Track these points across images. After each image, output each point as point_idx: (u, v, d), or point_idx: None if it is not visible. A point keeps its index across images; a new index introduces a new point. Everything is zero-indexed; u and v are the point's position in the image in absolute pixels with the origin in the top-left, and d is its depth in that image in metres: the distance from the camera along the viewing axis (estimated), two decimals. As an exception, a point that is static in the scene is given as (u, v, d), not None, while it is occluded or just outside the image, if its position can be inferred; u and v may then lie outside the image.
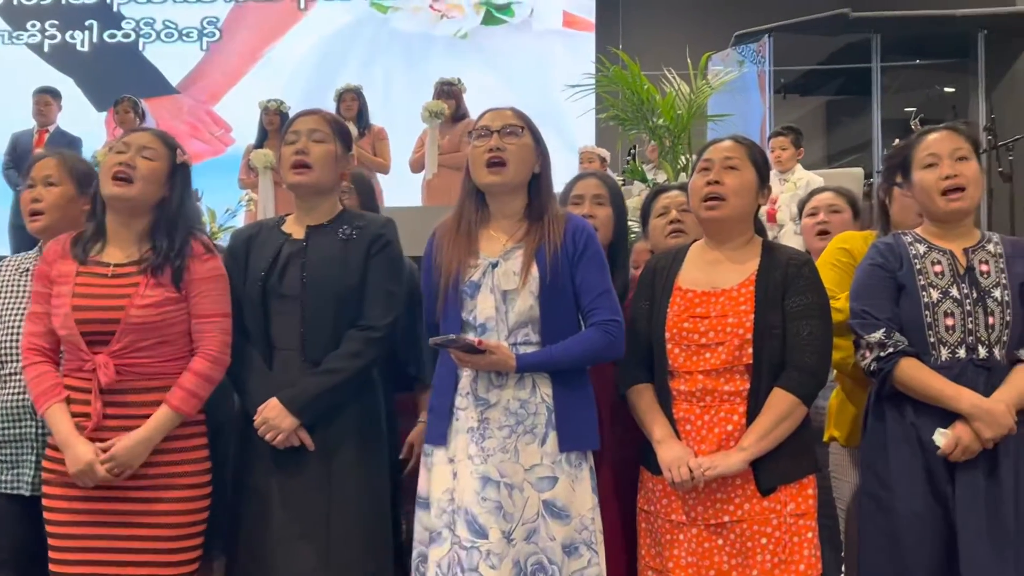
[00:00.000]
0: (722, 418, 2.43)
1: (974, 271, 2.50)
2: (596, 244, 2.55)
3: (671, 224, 3.03)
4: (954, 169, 2.52)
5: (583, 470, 2.47)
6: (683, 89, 5.39)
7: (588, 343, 2.47)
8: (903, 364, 2.44)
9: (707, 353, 2.46)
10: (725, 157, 2.57)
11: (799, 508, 2.41)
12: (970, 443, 2.35)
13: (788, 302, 2.46)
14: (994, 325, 2.44)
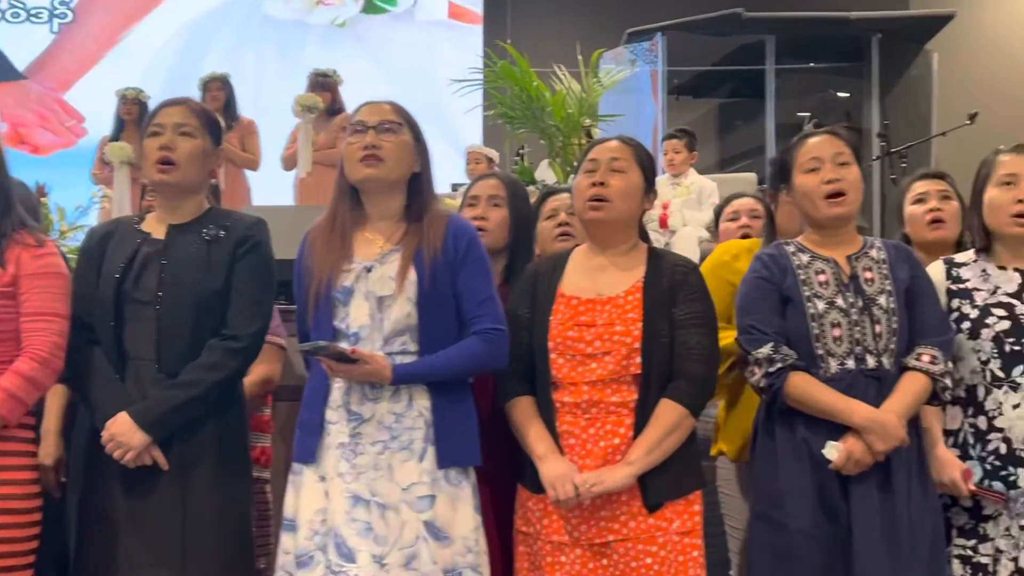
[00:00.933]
0: (608, 431, 2.45)
1: (858, 279, 2.58)
2: (479, 248, 2.55)
3: (559, 227, 3.06)
4: (836, 173, 2.59)
5: (464, 488, 2.46)
6: (574, 87, 5.45)
7: (470, 353, 2.47)
8: (793, 379, 2.49)
9: (593, 363, 2.48)
10: (611, 158, 2.60)
11: (685, 526, 2.45)
12: (862, 456, 2.43)
13: (676, 311, 2.50)
14: (881, 333, 2.52)
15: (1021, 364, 2.59)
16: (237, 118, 6.86)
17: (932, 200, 3.15)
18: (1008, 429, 2.58)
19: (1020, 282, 2.67)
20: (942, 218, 3.12)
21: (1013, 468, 2.56)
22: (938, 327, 2.58)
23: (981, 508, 2.59)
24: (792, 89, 8.51)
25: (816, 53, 8.62)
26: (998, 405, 2.60)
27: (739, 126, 9.11)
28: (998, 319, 2.63)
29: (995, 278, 2.69)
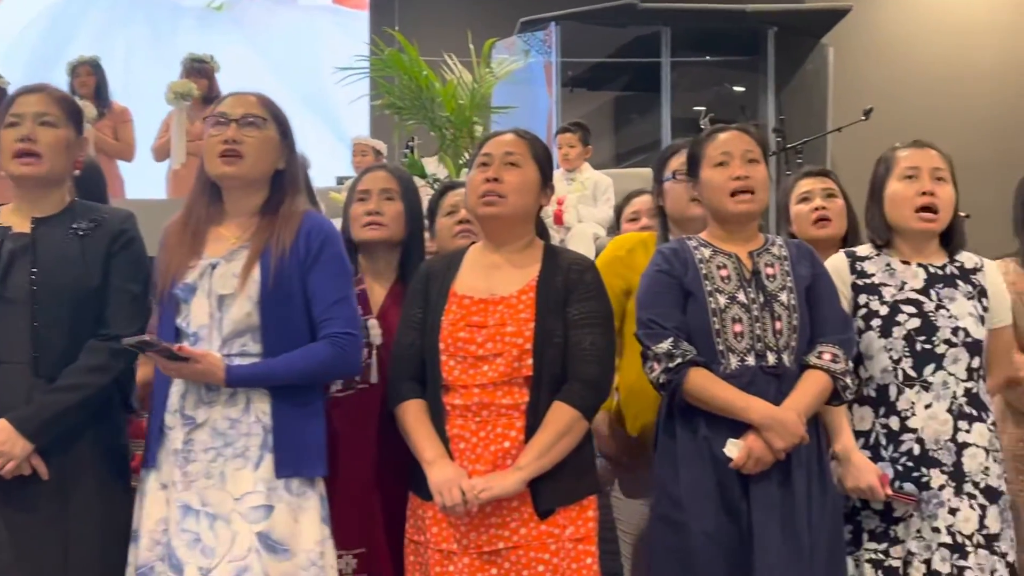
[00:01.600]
0: (499, 434, 2.46)
1: (760, 275, 2.63)
2: (335, 247, 2.53)
3: (460, 224, 3.06)
4: (744, 170, 2.65)
5: (309, 499, 2.44)
6: (465, 77, 5.44)
7: (314, 357, 2.46)
8: (692, 375, 2.52)
9: (484, 365, 2.48)
10: (505, 152, 2.61)
11: (578, 532, 2.47)
12: (762, 454, 2.47)
13: (570, 310, 2.52)
14: (782, 330, 2.57)
15: (932, 363, 2.67)
16: (109, 104, 6.69)
17: (817, 198, 3.23)
18: (921, 430, 2.65)
19: (925, 278, 2.75)
20: (827, 216, 3.21)
21: (926, 469, 2.64)
22: (839, 325, 2.63)
23: (892, 511, 2.65)
24: (688, 82, 8.64)
25: (712, 46, 8.76)
26: (911, 405, 2.67)
27: (635, 120, 9.22)
28: (908, 316, 2.71)
29: (901, 273, 2.76)
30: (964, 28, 8.34)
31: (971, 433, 2.65)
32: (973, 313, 2.71)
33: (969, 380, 2.68)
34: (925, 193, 2.72)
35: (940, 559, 2.57)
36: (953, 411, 2.66)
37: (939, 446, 2.64)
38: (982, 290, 2.75)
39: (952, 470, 2.63)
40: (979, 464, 2.64)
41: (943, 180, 2.74)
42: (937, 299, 2.71)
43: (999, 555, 2.60)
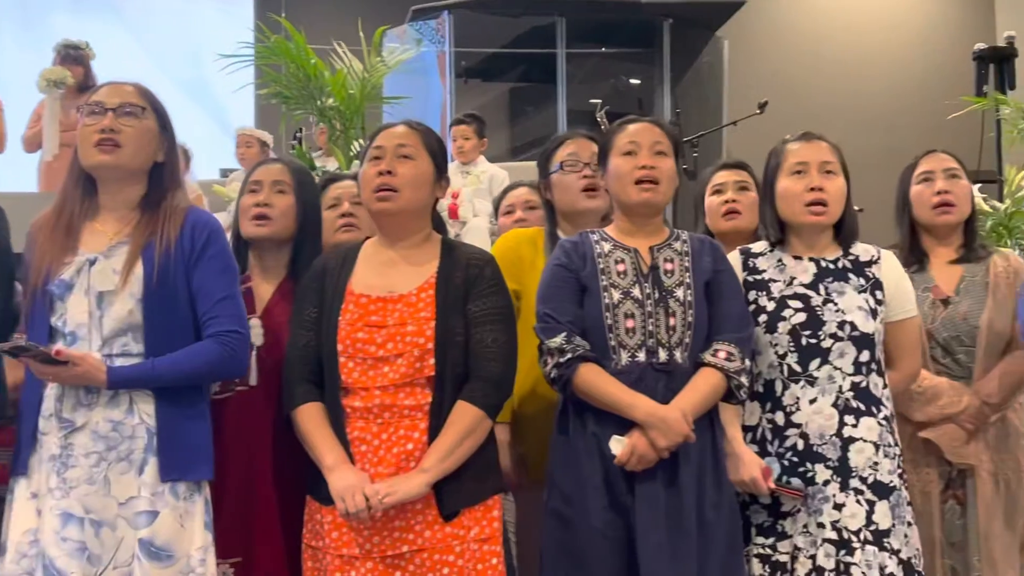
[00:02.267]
0: (402, 436, 2.45)
1: (658, 270, 2.67)
2: (220, 242, 2.51)
3: (343, 218, 3.03)
4: (651, 161, 2.68)
5: (195, 503, 2.42)
6: (355, 66, 5.39)
7: (200, 357, 2.43)
8: (581, 370, 2.55)
9: (385, 367, 2.47)
10: (398, 144, 2.60)
11: (484, 533, 2.48)
12: (645, 452, 2.50)
13: (471, 306, 2.53)
14: (675, 327, 2.61)
15: (817, 358, 2.73)
16: (-26, 92, 6.46)
17: (729, 191, 3.31)
18: (805, 424, 2.71)
19: (815, 272, 2.81)
20: (737, 209, 3.28)
21: (811, 464, 2.69)
22: (737, 323, 2.67)
23: (780, 505, 2.71)
24: (584, 74, 8.71)
25: (608, 38, 8.85)
26: (795, 400, 2.72)
27: (530, 112, 9.26)
28: (794, 311, 2.76)
29: (791, 268, 2.82)
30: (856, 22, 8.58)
31: (858, 428, 2.70)
32: (864, 307, 2.76)
33: (857, 374, 2.73)
34: (814, 188, 2.77)
35: (824, 555, 2.63)
36: (839, 406, 2.71)
37: (824, 441, 2.69)
38: (877, 283, 2.81)
39: (837, 465, 2.68)
40: (867, 459, 2.69)
41: (832, 173, 2.80)
42: (825, 293, 2.77)
43: (890, 551, 2.64)
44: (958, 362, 3.11)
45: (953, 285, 3.16)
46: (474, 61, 8.86)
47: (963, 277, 3.17)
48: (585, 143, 3.04)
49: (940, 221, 3.20)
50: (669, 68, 8.44)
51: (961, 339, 3.10)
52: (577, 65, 8.58)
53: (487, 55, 8.90)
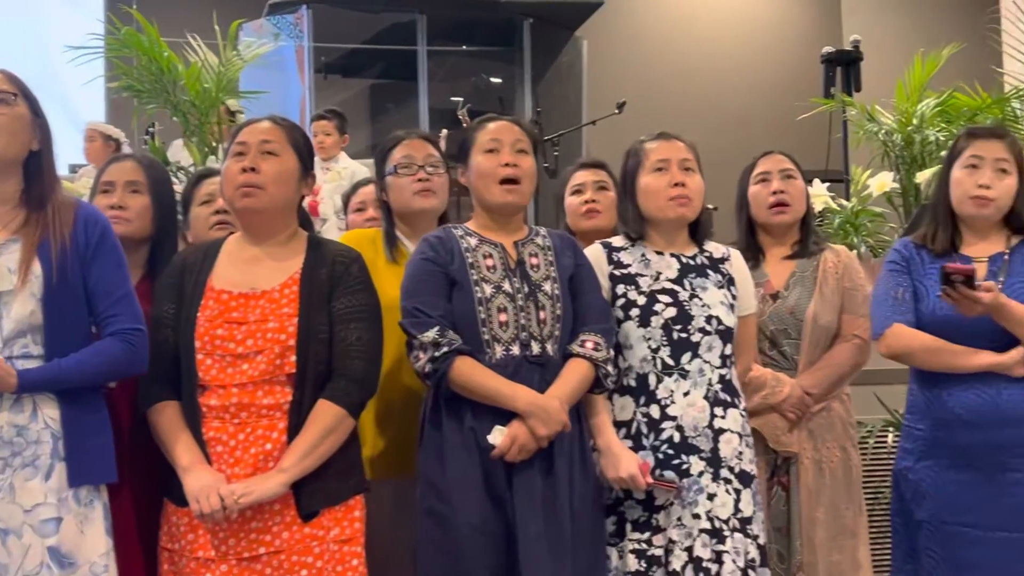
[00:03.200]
0: (260, 436, 2.43)
1: (524, 265, 2.71)
2: (112, 238, 2.44)
3: (216, 214, 3.00)
4: (515, 159, 2.72)
5: (95, 508, 2.37)
6: (210, 60, 5.31)
7: (105, 356, 2.37)
8: (457, 364, 2.57)
9: (244, 364, 2.44)
10: (262, 141, 2.57)
11: (344, 533, 2.47)
12: (526, 441, 2.54)
13: (336, 304, 2.51)
14: (546, 320, 2.66)
15: (689, 351, 2.80)
16: None
17: (588, 191, 3.38)
18: (680, 417, 2.77)
19: (679, 268, 2.88)
20: (597, 208, 3.35)
21: (686, 456, 2.75)
22: (600, 315, 2.74)
23: (653, 500, 2.76)
24: (445, 72, 8.71)
25: (469, 36, 8.87)
26: (670, 393, 2.79)
27: (391, 109, 9.21)
28: (665, 306, 2.82)
29: (655, 263, 2.88)
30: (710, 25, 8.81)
31: (726, 419, 2.80)
32: (724, 301, 2.86)
33: (723, 367, 2.83)
34: (677, 184, 2.85)
35: (701, 545, 2.70)
36: (709, 398, 2.79)
37: (697, 433, 2.77)
38: (730, 279, 2.91)
39: (710, 456, 2.76)
40: (733, 449, 2.78)
41: (692, 171, 2.88)
42: (691, 288, 2.85)
43: (751, 537, 2.75)
44: (784, 354, 3.22)
45: (784, 280, 3.27)
46: (334, 57, 8.77)
47: (793, 272, 3.28)
48: (420, 144, 3.06)
49: (776, 221, 3.31)
50: (530, 67, 8.50)
51: (787, 332, 3.21)
52: (438, 63, 8.58)
53: (347, 51, 8.82)
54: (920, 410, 2.96)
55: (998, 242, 2.99)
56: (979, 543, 2.85)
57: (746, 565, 2.71)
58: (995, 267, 2.94)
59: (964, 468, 2.88)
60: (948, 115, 5.03)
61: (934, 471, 2.92)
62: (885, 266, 3.06)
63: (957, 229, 3.01)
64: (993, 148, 2.96)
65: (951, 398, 2.88)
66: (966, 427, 2.86)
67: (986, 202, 2.93)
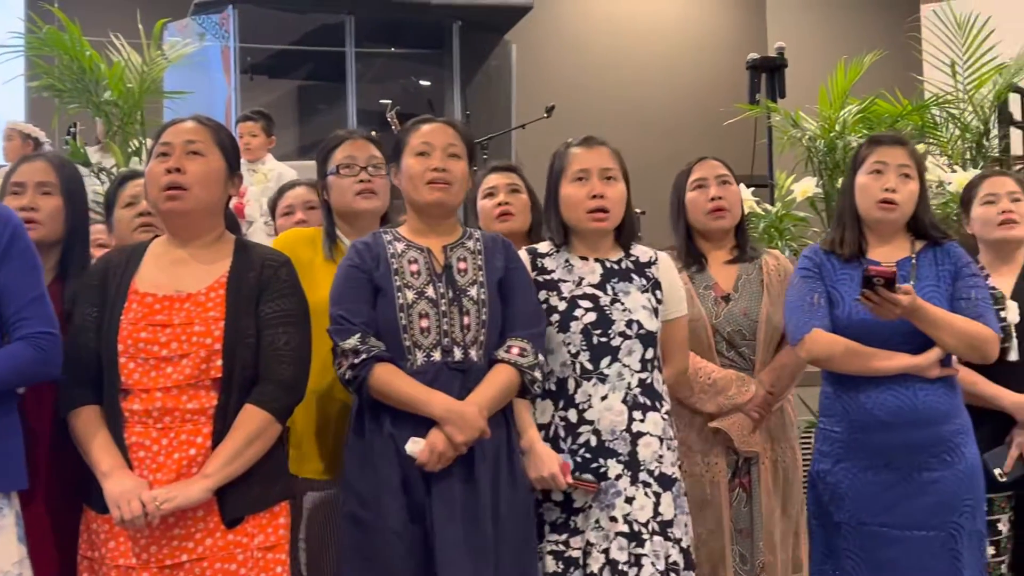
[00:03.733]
0: (184, 441, 2.40)
1: (451, 269, 2.71)
2: (24, 239, 2.40)
3: (140, 216, 2.96)
4: (444, 163, 2.73)
5: (6, 516, 2.33)
6: (134, 60, 5.25)
7: (15, 360, 2.33)
8: (377, 370, 2.57)
9: (168, 367, 2.41)
10: (187, 141, 2.55)
11: (268, 540, 2.46)
12: (444, 449, 2.54)
13: (264, 308, 2.50)
14: (469, 325, 2.66)
15: (608, 356, 2.82)
16: None
17: (501, 193, 3.40)
18: (597, 421, 2.79)
19: (602, 272, 2.91)
20: (510, 211, 3.38)
21: (603, 460, 2.77)
22: (530, 320, 2.75)
23: (572, 502, 2.78)
24: (374, 74, 8.69)
25: (398, 38, 8.86)
26: (588, 398, 2.81)
27: (320, 110, 9.17)
28: (585, 311, 2.85)
29: (578, 269, 2.91)
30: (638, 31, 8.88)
31: (645, 423, 2.82)
32: (647, 306, 2.88)
33: (643, 371, 2.85)
34: (596, 196, 2.87)
35: (618, 548, 2.72)
36: (628, 402, 2.81)
37: (615, 436, 2.79)
38: (656, 283, 2.94)
39: (628, 459, 2.78)
40: (653, 452, 2.81)
41: (613, 179, 2.90)
42: (612, 293, 2.88)
43: (673, 540, 2.77)
44: (742, 355, 3.28)
45: (731, 283, 3.33)
46: (261, 57, 8.71)
47: (739, 276, 3.34)
48: (362, 144, 3.05)
49: (715, 225, 3.36)
50: (459, 70, 8.52)
51: (743, 333, 3.27)
52: (367, 64, 8.57)
53: (274, 51, 8.76)
54: (836, 413, 3.03)
55: (903, 247, 3.09)
56: (897, 542, 2.92)
57: (667, 568, 2.73)
58: (904, 272, 3.03)
59: (882, 469, 2.95)
60: (870, 121, 5.14)
61: (852, 473, 2.99)
62: (797, 273, 3.13)
63: (863, 235, 3.09)
64: (896, 154, 3.06)
65: (868, 400, 2.95)
66: (884, 428, 2.93)
67: (892, 206, 3.02)
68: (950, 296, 3.00)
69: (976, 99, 5.04)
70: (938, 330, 2.90)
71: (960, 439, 2.96)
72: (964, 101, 5.07)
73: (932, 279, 3.02)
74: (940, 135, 5.11)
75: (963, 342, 2.93)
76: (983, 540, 3.00)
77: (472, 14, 8.48)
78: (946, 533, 2.91)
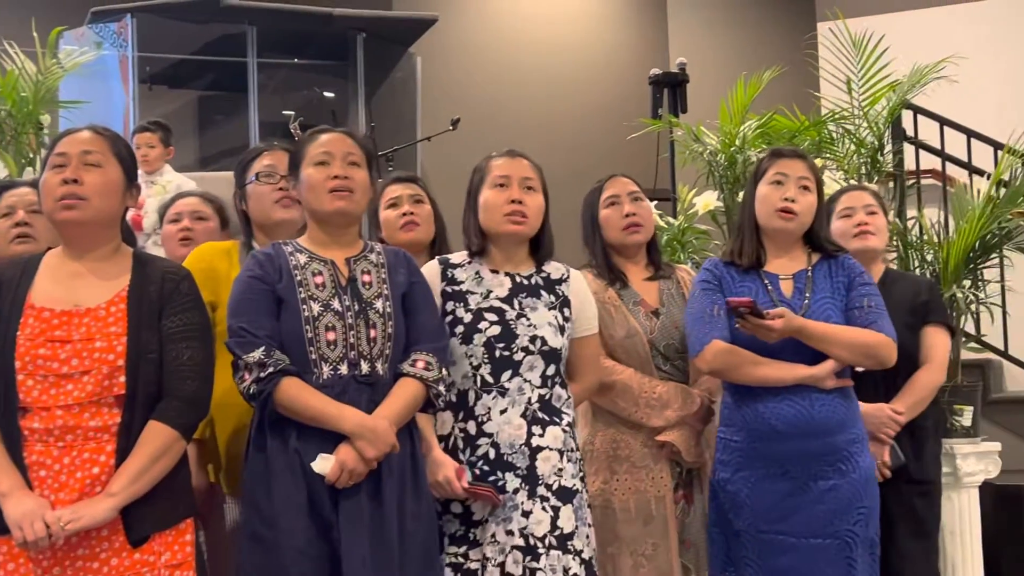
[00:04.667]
0: (86, 460, 2.37)
1: (356, 282, 2.71)
2: None
3: (17, 227, 2.92)
4: (344, 171, 2.72)
5: None
6: (28, 68, 5.15)
7: None
8: (283, 384, 2.54)
9: (69, 384, 2.38)
10: (83, 151, 2.52)
11: (176, 558, 2.44)
12: (355, 465, 2.53)
13: (166, 322, 2.48)
14: (376, 338, 2.65)
15: (510, 369, 2.85)
16: None
17: (405, 204, 3.42)
18: (496, 434, 2.82)
19: (511, 287, 2.94)
20: (415, 221, 3.39)
21: (502, 473, 2.80)
22: (434, 334, 2.75)
23: (471, 514, 2.81)
24: (276, 85, 8.61)
25: (301, 49, 8.79)
26: (487, 410, 2.83)
27: (221, 121, 9.05)
28: (490, 324, 2.87)
29: (488, 281, 2.94)
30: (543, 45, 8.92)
31: (544, 436, 2.85)
32: (553, 323, 2.92)
33: (544, 387, 2.88)
34: (514, 201, 2.91)
35: (513, 562, 2.75)
36: (527, 416, 2.84)
37: (514, 450, 2.82)
38: (565, 300, 2.98)
39: (526, 473, 2.81)
40: (552, 466, 2.83)
41: (533, 189, 2.95)
42: (519, 308, 2.91)
43: (573, 553, 2.80)
44: (677, 367, 3.34)
45: (656, 298, 3.40)
46: (160, 67, 8.56)
47: (661, 291, 3.41)
48: (283, 155, 3.05)
49: (630, 241, 3.41)
50: (363, 82, 8.47)
51: (676, 346, 3.33)
52: (269, 75, 8.48)
53: (174, 61, 8.63)
54: (736, 422, 3.11)
55: (799, 259, 3.19)
56: (793, 550, 3.01)
57: None
58: (800, 284, 3.12)
59: (779, 478, 3.03)
60: (769, 136, 5.26)
61: (751, 482, 3.06)
62: (697, 285, 3.21)
63: (762, 245, 3.18)
64: (796, 167, 3.17)
65: (767, 410, 3.03)
66: (781, 438, 3.02)
67: (792, 215, 3.12)
68: (845, 307, 3.10)
69: (871, 115, 5.18)
70: (827, 344, 3.01)
71: (855, 448, 3.05)
72: (859, 117, 5.20)
73: (827, 291, 3.11)
74: (836, 150, 5.25)
75: (856, 352, 3.03)
76: (876, 547, 3.10)
77: (376, 26, 8.45)
78: (841, 541, 3.00)
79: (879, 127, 5.14)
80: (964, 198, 4.68)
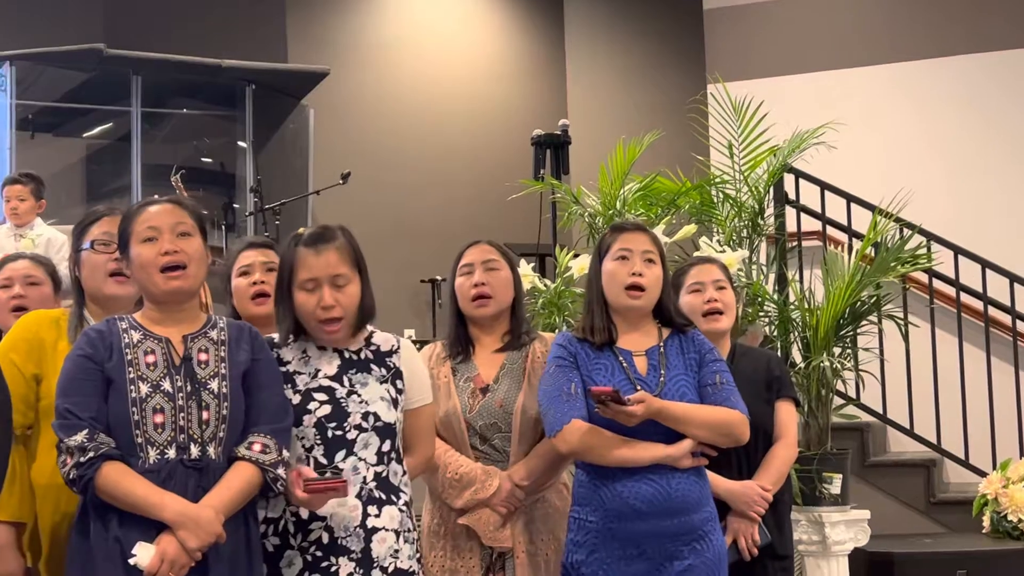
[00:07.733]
0: None
1: (191, 361, 2.58)
2: None
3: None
4: (174, 244, 2.59)
5: None
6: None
7: None
8: (105, 469, 2.42)
9: None
10: None
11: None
12: (176, 556, 2.40)
13: None
14: (209, 420, 2.53)
15: (343, 449, 2.73)
16: None
17: (257, 272, 3.25)
18: (330, 517, 2.69)
19: (340, 363, 2.82)
20: (266, 291, 3.18)
21: (335, 558, 2.67)
22: (275, 414, 2.63)
23: None
24: (163, 134, 8.46)
25: (189, 98, 8.65)
26: None
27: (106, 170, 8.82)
28: (320, 404, 2.75)
29: (315, 360, 2.81)
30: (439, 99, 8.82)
31: (380, 517, 2.73)
32: (386, 397, 2.80)
33: (379, 464, 2.76)
34: (325, 307, 2.74)
35: None
36: (363, 497, 2.72)
37: (348, 533, 2.69)
38: (397, 372, 2.85)
39: (360, 556, 2.69)
40: (388, 548, 2.72)
41: (343, 278, 2.77)
42: (349, 385, 2.79)
43: None
44: (495, 447, 3.21)
45: (494, 373, 3.27)
46: (43, 114, 8.34)
47: (503, 364, 3.29)
48: None
49: (476, 314, 3.29)
50: (251, 133, 8.33)
51: (498, 425, 3.21)
52: (154, 124, 8.32)
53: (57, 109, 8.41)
54: (591, 502, 3.02)
55: (651, 334, 3.13)
56: None
57: None
58: (654, 360, 3.07)
59: (635, 559, 2.96)
60: (651, 198, 5.25)
61: (607, 563, 2.97)
62: (552, 362, 3.10)
63: (613, 322, 3.11)
64: (639, 240, 3.11)
65: (625, 489, 2.95)
66: (639, 517, 2.94)
67: (640, 292, 3.06)
68: (698, 383, 3.05)
69: (751, 179, 5.20)
70: (685, 425, 2.96)
71: (709, 527, 3.00)
72: (740, 181, 5.22)
73: (681, 367, 3.07)
74: (717, 213, 5.25)
75: (712, 431, 2.99)
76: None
77: (266, 78, 8.32)
78: (696, 622, 2.93)
79: (759, 191, 5.15)
80: (835, 264, 4.69)
